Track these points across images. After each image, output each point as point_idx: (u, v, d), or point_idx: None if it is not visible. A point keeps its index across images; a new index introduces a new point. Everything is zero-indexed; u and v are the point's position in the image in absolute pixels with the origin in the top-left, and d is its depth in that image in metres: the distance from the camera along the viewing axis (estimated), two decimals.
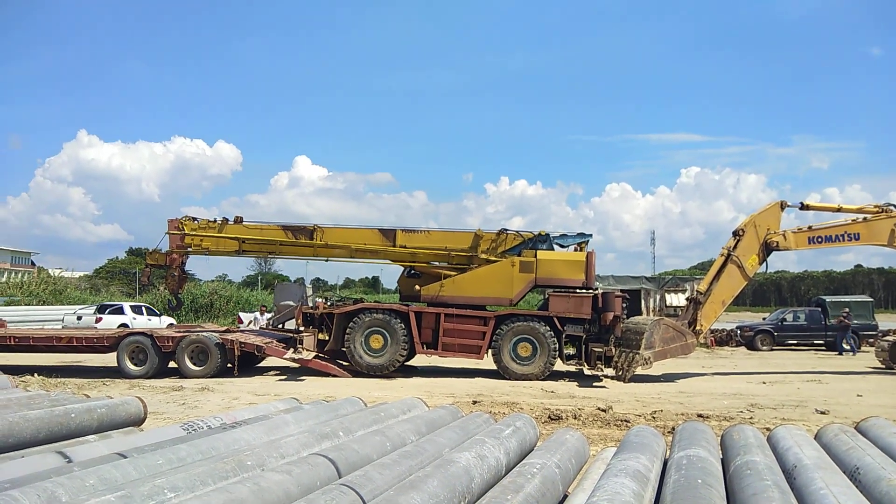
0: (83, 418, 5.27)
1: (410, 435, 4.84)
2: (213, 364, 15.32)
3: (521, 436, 5.03)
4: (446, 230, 17.25)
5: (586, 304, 15.72)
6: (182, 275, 17.77)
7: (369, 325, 15.84)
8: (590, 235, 16.98)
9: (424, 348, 16.06)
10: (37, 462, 3.96)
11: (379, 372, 15.66)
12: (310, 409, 5.71)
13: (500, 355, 15.59)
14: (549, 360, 15.46)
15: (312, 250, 17.09)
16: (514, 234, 16.73)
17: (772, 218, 16.79)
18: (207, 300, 38.62)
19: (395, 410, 5.77)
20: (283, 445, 4.10)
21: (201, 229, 16.98)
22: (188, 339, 15.56)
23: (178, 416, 9.98)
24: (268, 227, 17.21)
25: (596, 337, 15.80)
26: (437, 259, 16.89)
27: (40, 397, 6.22)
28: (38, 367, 15.48)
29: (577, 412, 10.42)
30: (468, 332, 15.91)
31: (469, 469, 3.79)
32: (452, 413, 5.95)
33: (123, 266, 67.51)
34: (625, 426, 9.39)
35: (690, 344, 16.08)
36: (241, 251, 17.25)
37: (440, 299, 16.20)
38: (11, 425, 4.65)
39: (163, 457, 3.83)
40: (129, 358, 15.52)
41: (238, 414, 5.59)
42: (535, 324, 15.63)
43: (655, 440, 4.64)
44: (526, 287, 16.19)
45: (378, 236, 16.90)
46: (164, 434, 4.77)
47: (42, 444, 4.79)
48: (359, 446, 4.21)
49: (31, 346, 16.20)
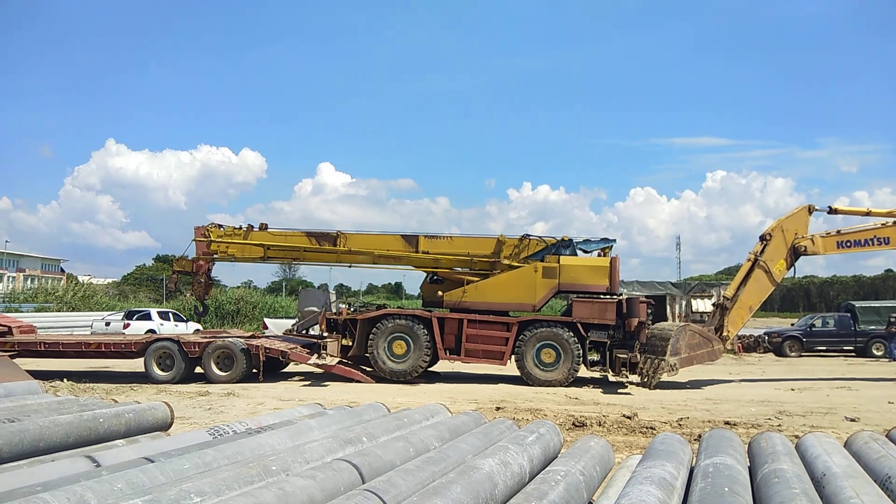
0: (111, 423, 5.34)
1: (433, 441, 4.84)
2: (238, 369, 15.47)
3: (545, 442, 5.01)
4: (469, 236, 17.29)
5: (610, 310, 15.61)
6: (208, 281, 17.99)
7: (392, 331, 15.88)
8: (614, 240, 16.88)
9: (447, 354, 16.06)
10: (67, 466, 4.02)
11: (402, 378, 15.69)
12: (334, 415, 5.74)
13: (523, 361, 15.53)
14: (573, 366, 15.37)
15: (336, 256, 17.20)
16: (537, 239, 16.68)
17: (799, 222, 16.55)
18: (233, 306, 38.97)
19: (418, 416, 5.77)
20: (307, 450, 4.13)
21: (227, 236, 17.17)
22: (214, 344, 15.74)
23: (205, 421, 10.09)
24: (292, 234, 17.36)
25: (620, 343, 15.67)
26: (459, 265, 16.89)
27: (70, 402, 6.33)
28: (68, 373, 15.78)
29: (602, 419, 10.34)
30: (491, 337, 15.87)
31: (492, 476, 3.78)
32: (476, 419, 5.94)
33: (151, 273, 68.49)
34: (650, 433, 9.30)
35: (717, 350, 15.87)
36: (266, 258, 17.41)
37: (463, 305, 16.19)
38: (42, 430, 4.74)
39: (189, 461, 3.87)
40: (157, 363, 15.74)
41: (263, 419, 5.64)
42: (558, 330, 15.55)
43: (681, 448, 4.59)
44: (549, 293, 16.12)
45: (401, 242, 16.95)
46: (190, 439, 4.83)
47: (72, 448, 4.87)
48: (382, 452, 4.22)
49: (61, 352, 16.48)
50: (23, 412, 5.46)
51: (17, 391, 6.86)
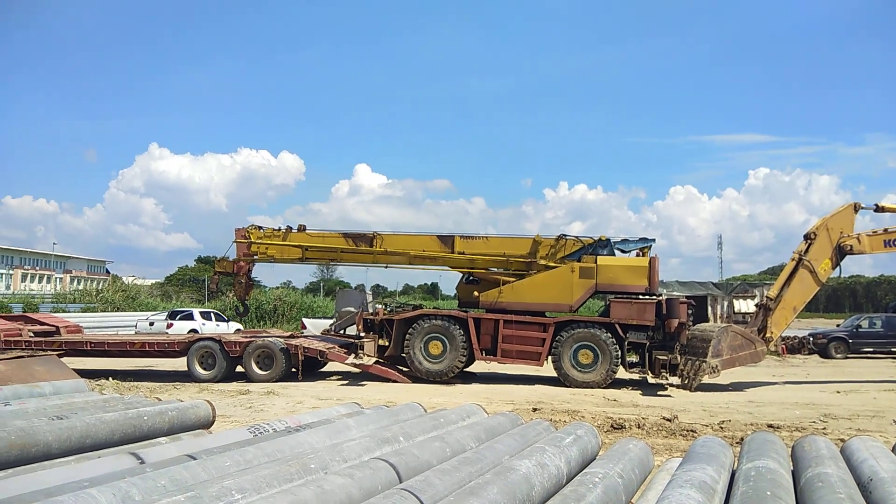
0: (155, 421, 5.47)
1: (470, 441, 4.84)
2: (278, 368, 15.69)
3: (583, 444, 4.97)
4: (505, 236, 17.25)
5: (649, 311, 15.40)
6: (249, 282, 18.28)
7: (428, 332, 15.92)
8: (653, 240, 16.64)
9: (483, 354, 16.04)
10: (112, 462, 4.13)
11: (438, 378, 15.72)
12: (371, 414, 5.78)
13: (560, 362, 15.42)
14: (611, 367, 15.21)
15: (372, 257, 17.32)
16: (574, 239, 16.55)
17: (845, 220, 16.10)
18: (272, 306, 39.56)
19: (454, 416, 5.78)
20: (345, 449, 4.17)
21: (266, 238, 17.42)
22: (254, 344, 15.99)
23: (245, 419, 10.25)
24: (329, 235, 17.53)
25: (660, 344, 15.45)
26: (495, 265, 16.85)
27: (115, 400, 6.49)
28: (113, 372, 16.18)
29: (641, 421, 10.21)
30: (527, 338, 15.80)
31: (529, 477, 3.77)
32: (512, 420, 5.92)
33: (193, 273, 69.86)
34: (691, 436, 9.15)
35: (760, 352, 15.55)
36: (304, 258, 17.63)
37: (499, 305, 16.15)
38: (88, 427, 4.87)
39: (230, 459, 3.94)
40: (199, 362, 16.06)
41: (302, 418, 5.71)
42: (596, 330, 15.40)
43: (723, 451, 4.51)
44: (586, 293, 15.97)
45: (437, 243, 16.98)
46: (231, 437, 4.91)
47: (116, 445, 4.99)
48: (419, 451, 4.23)
49: (106, 351, 16.92)
50: (70, 410, 5.62)
51: (64, 389, 7.07)
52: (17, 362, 9.61)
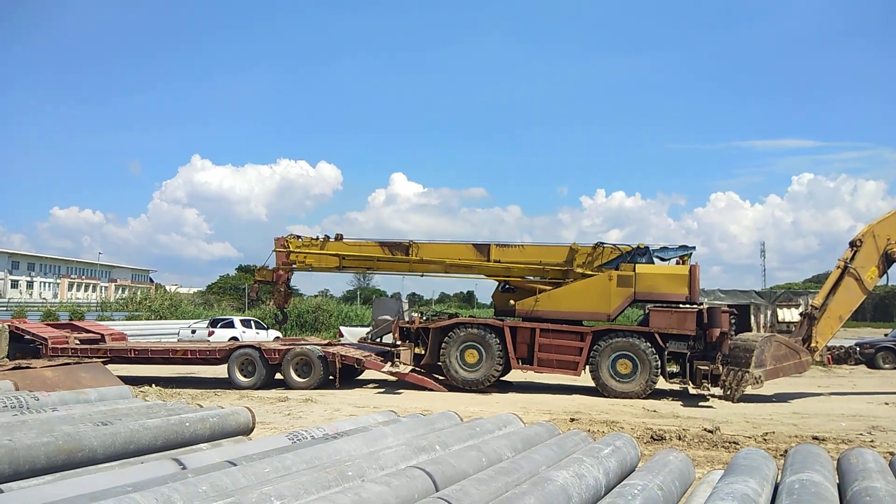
0: (197, 427, 5.57)
1: (506, 451, 4.81)
2: (316, 376, 15.85)
3: (622, 456, 4.90)
4: (541, 244, 17.11)
5: (690, 320, 15.14)
6: (288, 290, 18.52)
7: (464, 340, 15.90)
8: (693, 248, 16.37)
9: (520, 363, 15.95)
10: (154, 468, 4.22)
11: (474, 387, 15.68)
12: (407, 422, 5.79)
13: (598, 372, 15.24)
14: (651, 377, 14.97)
15: (408, 266, 17.40)
16: (611, 247, 16.37)
17: (892, 226, 15.62)
18: (311, 314, 39.97)
19: (490, 426, 5.76)
20: (381, 457, 4.18)
21: (305, 247, 17.64)
22: (293, 351, 16.18)
23: (284, 426, 10.36)
24: (366, 244, 17.67)
25: (701, 354, 15.16)
26: (531, 273, 16.77)
27: (158, 407, 6.63)
28: (156, 378, 16.53)
29: (682, 433, 10.03)
30: (564, 347, 15.66)
31: (567, 488, 3.73)
32: (549, 430, 5.87)
33: (234, 282, 70.98)
34: (733, 448, 8.95)
35: (805, 362, 15.15)
36: (342, 267, 17.80)
37: (535, 314, 16.05)
38: (132, 433, 4.99)
39: (269, 465, 3.99)
40: (239, 370, 16.31)
41: (339, 425, 5.75)
42: (634, 340, 15.19)
43: (766, 463, 4.40)
44: (624, 302, 15.78)
45: (472, 251, 16.98)
46: (270, 443, 4.97)
47: (159, 451, 5.10)
48: (455, 461, 4.23)
49: (150, 359, 17.30)
50: (115, 416, 5.76)
51: (109, 396, 7.24)
52: (64, 369, 9.91)
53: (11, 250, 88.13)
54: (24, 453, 4.20)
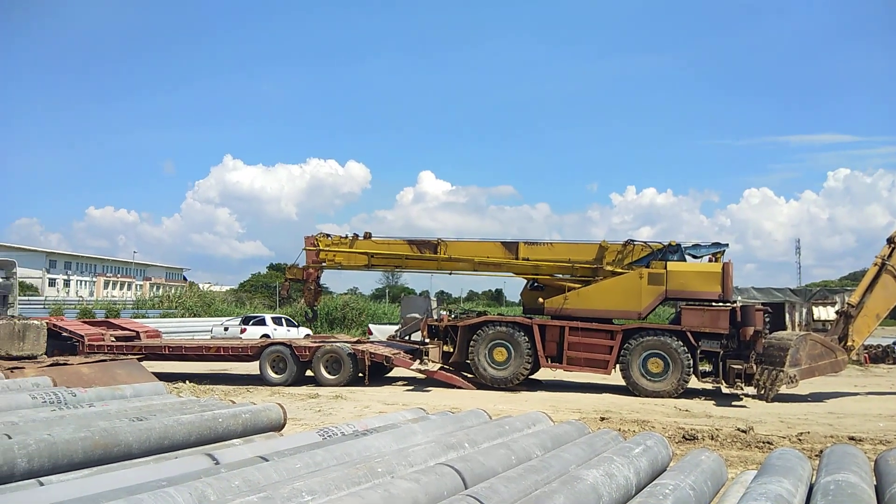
0: (229, 423, 5.64)
1: (536, 449, 4.79)
2: (345, 373, 15.97)
3: (653, 455, 4.85)
4: (570, 242, 17.02)
5: (723, 318, 14.92)
6: (318, 288, 18.69)
7: (493, 338, 15.88)
8: (726, 245, 16.13)
9: (549, 362, 15.87)
10: (188, 463, 4.29)
11: (503, 385, 15.65)
12: (436, 420, 5.80)
13: (629, 371, 15.11)
14: (683, 376, 14.79)
15: (437, 264, 17.43)
16: (642, 244, 16.21)
17: None
18: (340, 312, 40.27)
19: (519, 424, 5.74)
20: (411, 454, 4.20)
21: (334, 245, 17.78)
22: (323, 349, 16.32)
23: (315, 422, 10.46)
24: (394, 242, 17.74)
25: (735, 353, 14.95)
26: (560, 271, 16.69)
27: (191, 403, 6.74)
28: (190, 375, 16.81)
29: (715, 432, 9.90)
30: (594, 346, 15.55)
31: (597, 487, 3.71)
32: (579, 429, 5.83)
33: (265, 280, 71.77)
34: (767, 448, 8.80)
35: (841, 361, 14.84)
36: (371, 265, 17.91)
37: (564, 312, 15.96)
38: (166, 428, 5.08)
39: (301, 461, 4.03)
40: (271, 366, 16.50)
41: (369, 422, 5.78)
42: (666, 338, 15.02)
43: (800, 463, 4.32)
44: (655, 300, 15.61)
45: (501, 249, 16.95)
46: (301, 439, 5.02)
47: (193, 446, 5.18)
48: (484, 458, 4.22)
49: (184, 355, 17.59)
50: (149, 412, 5.87)
51: (144, 392, 7.38)
52: (100, 366, 10.13)
53: (49, 249, 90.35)
54: (62, 448, 4.31)
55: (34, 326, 11.77)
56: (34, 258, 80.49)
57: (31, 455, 4.13)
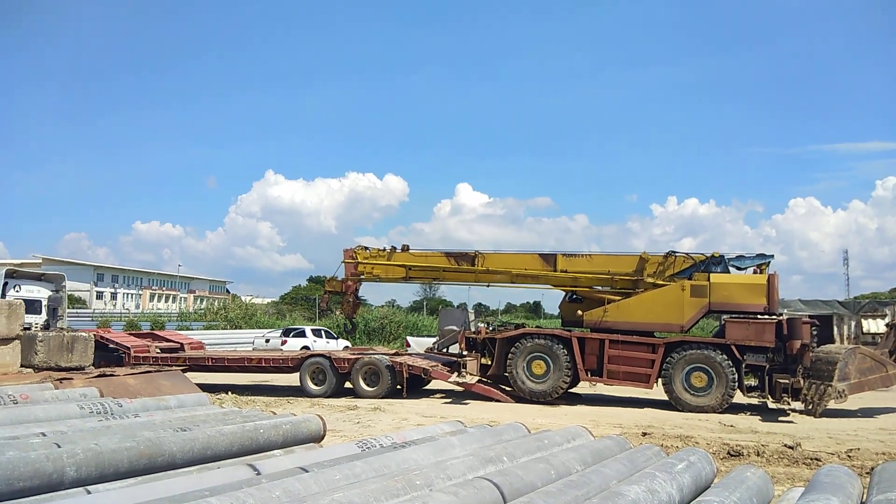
0: (270, 434, 5.72)
1: (575, 464, 4.73)
2: (384, 385, 16.03)
3: (696, 471, 4.74)
4: (609, 254, 16.86)
5: (769, 331, 14.57)
6: (356, 300, 18.83)
7: (531, 351, 15.77)
8: (771, 256, 15.76)
9: (588, 375, 15.68)
10: (230, 473, 4.35)
11: (542, 398, 15.51)
12: (474, 433, 5.78)
13: (671, 385, 14.83)
14: (727, 391, 14.47)
15: (474, 276, 17.41)
16: (684, 256, 15.95)
17: None
18: (378, 324, 40.48)
19: (558, 438, 5.68)
20: (449, 467, 4.19)
21: (372, 258, 17.92)
22: (362, 361, 16.42)
23: (353, 434, 10.51)
24: (432, 255, 17.79)
25: (781, 367, 14.56)
26: (599, 283, 16.51)
27: (233, 414, 6.85)
28: (232, 386, 17.06)
29: (760, 448, 9.65)
30: (635, 359, 15.32)
31: (638, 503, 3.64)
32: (620, 444, 5.75)
33: (305, 293, 72.63)
34: (815, 465, 8.54)
35: (892, 375, 14.33)
36: (408, 278, 17.99)
37: (604, 325, 15.77)
38: (209, 439, 5.17)
39: (340, 472, 4.05)
40: (310, 378, 16.67)
41: (407, 434, 5.79)
42: (710, 352, 14.72)
43: (850, 481, 4.18)
44: (698, 313, 15.32)
45: (538, 261, 16.86)
46: (341, 451, 5.06)
47: (234, 456, 5.26)
48: (523, 472, 4.19)
49: (226, 367, 17.88)
50: (193, 422, 5.98)
51: (188, 402, 7.53)
52: (145, 377, 10.35)
53: (97, 263, 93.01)
54: (108, 457, 4.41)
55: (82, 338, 12.11)
56: (82, 272, 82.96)
57: (79, 464, 4.24)
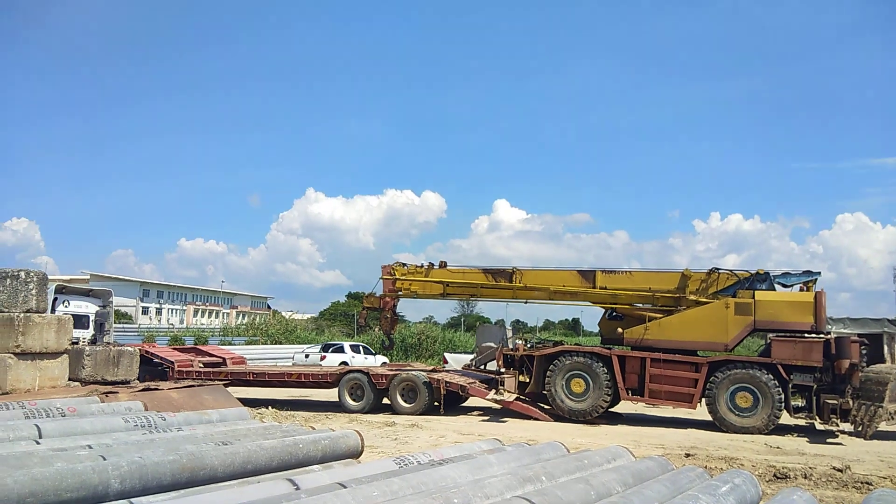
0: (309, 449, 5.75)
1: (616, 485, 4.65)
2: (421, 401, 16.01)
3: (741, 494, 4.62)
4: (650, 270, 16.68)
5: (816, 350, 14.14)
6: (394, 316, 18.90)
7: (570, 369, 15.57)
8: (818, 273, 15.33)
9: (629, 394, 15.40)
10: (270, 487, 4.39)
11: (581, 417, 15.29)
12: (512, 451, 5.73)
13: (715, 405, 14.48)
14: (774, 412, 14.06)
15: (512, 292, 17.32)
16: (728, 273, 15.64)
17: None
18: (416, 340, 40.57)
19: (598, 458, 5.59)
20: (486, 485, 4.15)
21: (410, 274, 17.98)
22: (399, 377, 16.44)
23: (391, 450, 10.50)
24: (469, 271, 17.77)
25: (829, 387, 14.10)
26: (640, 301, 16.26)
27: (273, 428, 6.91)
28: (272, 401, 17.23)
29: (808, 471, 9.34)
30: (678, 378, 15.01)
31: None
32: (662, 465, 5.63)
33: (343, 308, 73.30)
34: (865, 489, 8.23)
35: None
36: (446, 294, 17.97)
37: (645, 343, 15.51)
38: (250, 453, 5.22)
39: (378, 489, 4.05)
40: (349, 393, 16.74)
41: (445, 451, 5.77)
42: (755, 371, 14.34)
43: None
44: (743, 331, 14.96)
45: (577, 278, 16.70)
46: (378, 467, 5.06)
47: (274, 471, 5.31)
48: (562, 493, 4.13)
49: (267, 382, 18.08)
50: (234, 436, 6.05)
51: (229, 417, 7.63)
52: (188, 391, 10.53)
53: (143, 279, 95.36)
54: (152, 470, 4.50)
55: (128, 353, 12.39)
56: (129, 288, 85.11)
57: (123, 476, 4.33)
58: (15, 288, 10.04)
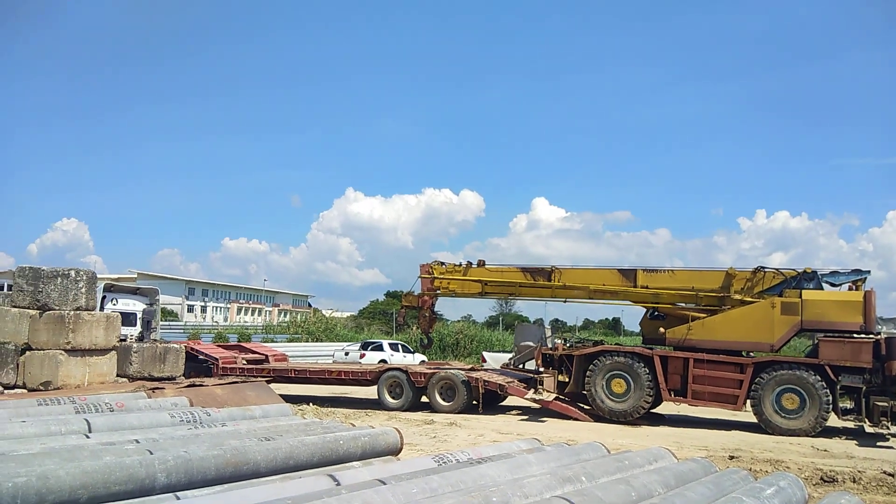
0: (349, 445, 5.82)
1: (657, 487, 4.59)
2: (460, 400, 16.02)
3: (786, 497, 4.52)
4: (693, 269, 16.36)
5: (866, 351, 13.72)
6: (432, 315, 18.95)
7: (610, 369, 15.40)
8: (868, 272, 14.88)
9: (672, 395, 15.16)
10: (311, 483, 4.45)
11: (622, 418, 15.11)
12: (551, 451, 5.70)
13: (761, 407, 14.16)
14: (821, 414, 13.70)
15: (551, 291, 17.20)
16: (774, 272, 15.29)
17: None
18: (454, 339, 40.60)
19: (639, 460, 5.52)
20: (525, 485, 4.14)
21: (448, 273, 17.99)
22: (438, 375, 16.48)
23: (430, 448, 10.55)
24: (508, 270, 17.71)
25: (879, 389, 13.67)
26: (682, 300, 15.99)
27: (315, 425, 7.01)
28: (313, 398, 17.45)
29: (857, 475, 9.08)
30: (722, 379, 14.72)
31: None
32: (705, 467, 5.53)
33: (382, 307, 73.73)
34: None
35: None
36: (484, 293, 17.94)
37: (688, 343, 15.25)
38: (292, 449, 5.31)
39: (417, 486, 4.08)
40: (388, 391, 16.86)
41: (483, 450, 5.77)
42: (802, 373, 13.99)
43: None
44: (790, 331, 14.61)
45: (617, 277, 16.51)
46: (417, 464, 5.09)
47: (315, 466, 5.38)
48: (602, 493, 4.10)
49: (308, 379, 18.31)
50: (276, 432, 6.16)
51: (272, 413, 7.76)
52: (232, 387, 10.73)
53: (188, 278, 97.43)
54: (197, 464, 4.60)
55: (174, 350, 12.67)
56: (175, 286, 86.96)
57: (169, 470, 4.44)
58: (65, 286, 10.35)
